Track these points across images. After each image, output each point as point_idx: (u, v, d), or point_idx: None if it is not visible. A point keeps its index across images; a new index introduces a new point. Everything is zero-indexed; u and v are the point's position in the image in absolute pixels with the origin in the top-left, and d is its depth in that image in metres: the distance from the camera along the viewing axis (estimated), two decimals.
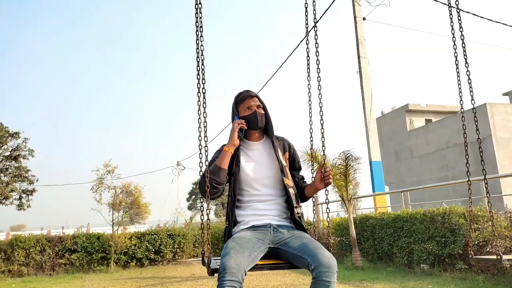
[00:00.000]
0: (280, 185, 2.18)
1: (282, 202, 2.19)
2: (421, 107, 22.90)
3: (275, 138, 2.28)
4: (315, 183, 2.16)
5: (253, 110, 2.21)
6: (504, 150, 16.81)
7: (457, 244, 5.66)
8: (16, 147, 16.40)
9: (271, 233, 2.05)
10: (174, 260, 10.84)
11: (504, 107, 17.81)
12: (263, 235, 2.04)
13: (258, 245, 1.96)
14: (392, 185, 21.98)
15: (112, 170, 10.53)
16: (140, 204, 11.76)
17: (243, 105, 2.23)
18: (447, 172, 18.69)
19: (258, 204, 2.13)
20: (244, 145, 2.25)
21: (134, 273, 9.14)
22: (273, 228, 2.07)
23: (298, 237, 2.00)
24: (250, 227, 2.08)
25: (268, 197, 2.15)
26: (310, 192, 2.25)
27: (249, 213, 2.13)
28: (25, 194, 16.71)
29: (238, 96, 2.28)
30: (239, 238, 1.95)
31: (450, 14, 2.92)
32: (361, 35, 11.14)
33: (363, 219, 8.02)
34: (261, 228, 2.07)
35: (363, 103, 11.25)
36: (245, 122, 2.18)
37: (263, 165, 2.18)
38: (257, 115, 2.20)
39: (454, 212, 5.93)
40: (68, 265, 9.75)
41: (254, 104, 2.21)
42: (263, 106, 2.26)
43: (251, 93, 2.26)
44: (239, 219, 2.13)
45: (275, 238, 2.04)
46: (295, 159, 2.32)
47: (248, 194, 2.15)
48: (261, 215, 2.11)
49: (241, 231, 2.07)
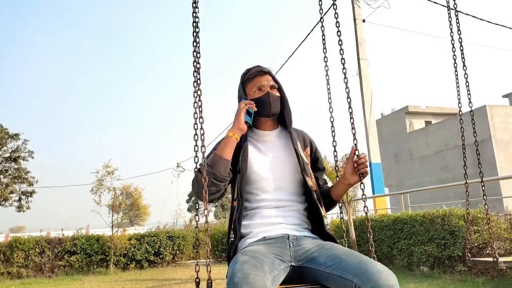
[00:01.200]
0: (299, 188, 1.67)
1: (302, 209, 1.66)
2: (421, 109, 22.93)
3: (293, 130, 1.76)
4: (346, 176, 1.66)
5: (265, 91, 1.69)
6: (504, 152, 16.82)
7: (457, 246, 5.65)
8: (16, 149, 16.43)
9: (290, 247, 1.50)
10: (174, 262, 10.82)
11: (504, 109, 17.82)
12: (280, 249, 1.48)
13: (278, 262, 1.41)
14: (392, 187, 21.97)
15: (112, 172, 10.54)
16: (140, 206, 11.77)
17: (252, 84, 1.72)
18: (446, 174, 18.69)
19: (267, 210, 1.61)
20: (253, 136, 1.74)
21: (133, 275, 9.13)
22: (292, 240, 1.52)
23: (329, 249, 1.45)
24: (261, 239, 1.53)
25: (282, 203, 1.62)
26: (340, 191, 1.74)
27: (257, 221, 1.59)
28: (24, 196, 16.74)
29: (246, 73, 1.77)
30: (251, 251, 1.41)
31: (449, 16, 2.93)
32: (361, 37, 11.16)
33: (363, 221, 8.01)
34: (275, 240, 1.52)
35: (363, 105, 11.26)
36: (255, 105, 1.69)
37: (278, 162, 1.67)
38: (270, 97, 1.69)
39: (453, 214, 5.93)
40: (68, 267, 9.74)
41: (266, 84, 1.71)
42: (278, 86, 1.75)
43: (263, 69, 1.74)
44: (244, 231, 1.59)
45: (296, 252, 1.49)
46: (318, 157, 1.83)
47: (256, 200, 1.62)
48: (273, 223, 1.58)
49: (250, 245, 1.52)
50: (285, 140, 1.75)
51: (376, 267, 1.26)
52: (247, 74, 1.75)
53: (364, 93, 11.21)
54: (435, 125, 20.59)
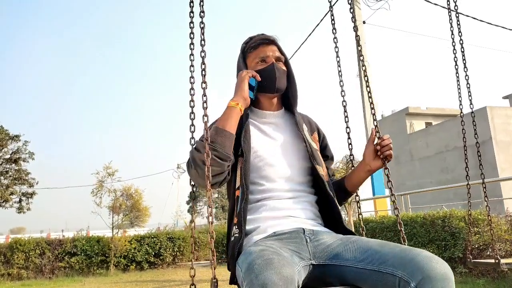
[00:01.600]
0: (308, 177, 1.44)
1: (313, 200, 1.43)
2: (421, 110, 22.93)
3: (297, 113, 1.54)
4: (366, 161, 1.45)
5: (270, 63, 1.46)
6: (505, 153, 16.80)
7: (458, 248, 5.65)
8: (16, 150, 16.44)
9: (307, 242, 1.25)
10: (174, 264, 10.82)
11: (504, 110, 17.82)
12: (296, 245, 1.22)
13: (296, 258, 1.17)
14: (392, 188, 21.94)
15: (112, 173, 10.54)
16: (140, 207, 11.77)
17: (254, 54, 1.49)
18: (447, 175, 18.67)
19: (275, 202, 1.35)
20: (253, 116, 1.50)
21: (133, 277, 9.12)
22: (309, 235, 1.27)
23: (356, 242, 1.21)
24: (271, 235, 1.27)
25: (292, 194, 1.38)
26: (357, 180, 1.51)
27: (264, 215, 1.32)
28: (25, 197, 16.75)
29: (247, 42, 1.53)
30: (264, 243, 1.18)
31: (450, 18, 2.93)
32: (361, 38, 11.16)
33: (363, 222, 8.01)
34: (289, 235, 1.26)
35: (363, 107, 11.27)
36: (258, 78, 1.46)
37: (284, 148, 1.43)
38: (276, 70, 1.44)
39: (454, 215, 5.92)
40: (68, 269, 9.74)
41: (272, 54, 1.47)
42: (284, 59, 1.52)
43: (268, 37, 1.50)
44: (249, 227, 1.31)
45: (316, 248, 1.24)
46: (326, 144, 1.62)
47: (260, 190, 1.37)
48: (283, 216, 1.32)
49: (258, 243, 1.22)
50: (290, 123, 1.52)
51: (425, 253, 1.04)
52: (249, 43, 1.52)
53: (364, 95, 11.21)
54: (436, 126, 20.59)
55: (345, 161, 7.55)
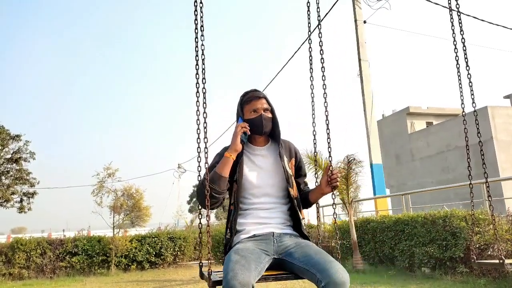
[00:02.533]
0: (284, 193, 2.07)
1: (286, 210, 2.07)
2: (422, 109, 22.91)
3: (281, 143, 2.14)
4: (321, 187, 2.04)
5: (259, 114, 2.06)
6: (505, 153, 16.79)
7: (458, 248, 5.64)
8: (17, 150, 16.43)
9: (274, 243, 1.92)
10: (175, 263, 10.82)
11: (505, 110, 17.81)
12: (266, 245, 1.91)
13: (263, 256, 1.83)
14: (393, 188, 21.95)
15: (113, 174, 10.54)
16: (141, 207, 11.77)
17: (248, 107, 2.08)
18: (448, 175, 18.66)
19: (259, 212, 2.01)
20: (248, 150, 2.11)
21: (134, 276, 9.13)
22: (276, 237, 1.94)
23: (303, 247, 1.86)
24: (251, 236, 1.95)
25: (271, 206, 2.03)
26: (315, 197, 2.13)
27: (250, 221, 2.00)
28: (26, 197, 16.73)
29: (244, 96, 2.13)
30: (242, 250, 1.79)
31: (451, 17, 2.92)
32: (361, 38, 11.15)
33: (364, 222, 8.01)
34: (263, 237, 1.94)
35: (364, 106, 11.26)
36: (250, 125, 2.05)
37: (267, 173, 2.06)
38: (263, 119, 2.05)
39: (455, 215, 5.92)
40: (69, 268, 9.74)
41: (260, 107, 2.07)
42: (271, 109, 2.11)
43: (259, 94, 2.10)
44: (239, 228, 1.99)
45: (279, 248, 1.91)
46: (301, 166, 2.22)
47: (249, 202, 2.02)
48: (262, 223, 1.99)
49: (242, 241, 1.93)
50: (274, 154, 2.12)
51: (336, 267, 1.65)
52: (245, 97, 2.11)
53: (365, 94, 11.21)
54: (436, 126, 20.58)
55: (346, 161, 7.55)
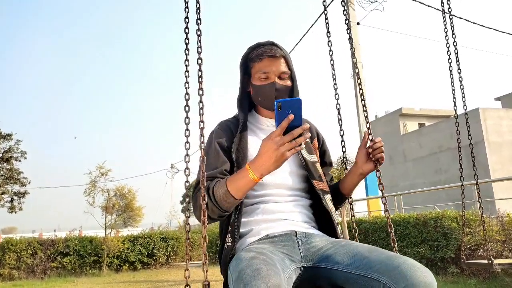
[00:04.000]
0: (305, 185, 1.46)
1: (307, 204, 1.45)
2: (415, 111, 23.06)
3: None
4: (358, 164, 1.47)
5: (271, 80, 1.41)
6: (497, 154, 16.96)
7: (450, 248, 5.69)
8: (8, 149, 16.28)
9: (299, 245, 1.28)
10: (168, 264, 10.79)
11: (496, 112, 17.98)
12: (288, 248, 1.26)
13: (288, 261, 1.20)
14: (386, 189, 21.82)
15: (105, 173, 10.48)
16: (134, 207, 11.72)
17: (258, 67, 1.43)
18: (440, 176, 18.81)
19: (270, 205, 1.36)
20: (253, 121, 1.51)
21: (126, 277, 9.08)
22: (301, 237, 1.30)
23: (346, 246, 1.24)
24: (264, 237, 1.30)
25: (285, 198, 1.39)
26: (351, 184, 1.53)
27: (258, 218, 1.34)
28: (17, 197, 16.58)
29: (255, 48, 1.46)
30: (256, 248, 1.19)
31: (444, 20, 2.95)
32: (355, 39, 11.21)
33: (357, 222, 8.04)
34: (281, 238, 1.29)
35: (357, 108, 11.31)
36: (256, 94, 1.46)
37: None
38: (275, 89, 1.41)
39: (446, 216, 5.97)
40: (60, 269, 9.67)
41: (275, 70, 1.41)
42: (290, 74, 1.46)
43: (276, 52, 1.42)
44: (244, 229, 1.34)
45: (307, 251, 1.27)
46: (325, 150, 1.62)
47: (255, 195, 1.38)
48: (277, 219, 1.34)
49: (251, 245, 1.27)
50: None
51: (410, 262, 1.06)
52: (256, 51, 1.45)
53: (358, 96, 11.26)
54: (429, 127, 20.72)
55: (339, 162, 7.57)
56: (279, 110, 1.16)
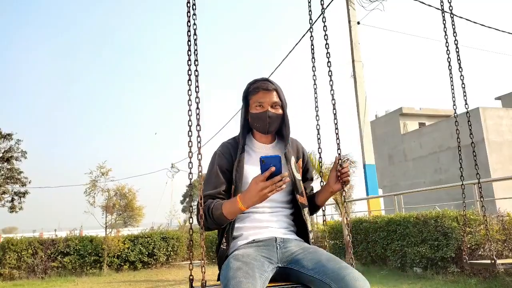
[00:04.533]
0: (289, 198, 1.80)
1: (289, 214, 1.80)
2: (415, 110, 23.05)
3: (288, 143, 1.83)
4: (330, 184, 1.76)
5: (264, 109, 1.74)
6: (497, 153, 16.95)
7: (450, 248, 5.69)
8: (9, 149, 16.30)
9: (277, 249, 1.65)
10: (168, 263, 10.79)
11: (496, 111, 17.97)
12: (268, 251, 1.63)
13: (266, 264, 1.56)
14: (386, 188, 22.06)
15: (106, 173, 10.47)
16: (134, 207, 11.71)
17: (255, 98, 1.76)
18: (440, 176, 18.80)
19: (259, 215, 1.72)
20: (250, 145, 1.82)
21: (127, 277, 9.08)
22: (280, 243, 1.67)
23: (312, 253, 1.59)
24: (251, 242, 1.67)
25: (273, 210, 1.75)
26: (324, 197, 1.84)
27: (248, 225, 1.71)
28: (17, 196, 16.60)
29: (252, 84, 1.79)
30: (243, 256, 1.54)
31: (444, 19, 2.95)
32: (355, 39, 11.19)
33: (357, 222, 8.04)
34: (264, 243, 1.66)
35: (357, 107, 11.30)
36: (252, 120, 1.78)
37: None
38: (268, 116, 1.73)
39: (446, 215, 5.96)
40: (61, 268, 9.66)
41: (268, 101, 1.73)
42: (281, 104, 1.77)
43: (268, 86, 1.74)
44: (236, 234, 1.71)
45: (283, 255, 1.64)
46: (308, 168, 1.95)
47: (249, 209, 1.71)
48: (262, 227, 1.71)
49: (240, 247, 1.65)
50: (280, 153, 1.80)
51: (353, 275, 1.39)
52: (252, 86, 1.78)
53: (358, 95, 11.25)
54: (429, 126, 20.71)
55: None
56: (263, 163, 1.44)
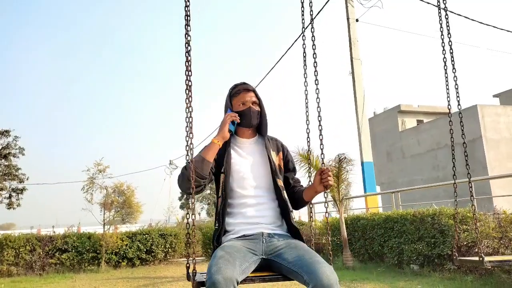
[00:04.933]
0: (272, 186, 2.04)
1: (275, 207, 2.04)
2: (413, 108, 23.07)
3: (268, 138, 2.15)
4: (314, 185, 2.01)
5: (247, 106, 2.07)
6: (494, 151, 16.99)
7: (446, 245, 5.72)
8: (6, 145, 16.26)
9: (263, 243, 1.89)
10: (166, 260, 10.81)
11: (494, 109, 18.00)
12: (254, 245, 1.87)
13: (249, 255, 1.80)
14: (384, 185, 22.11)
15: (104, 170, 10.45)
16: (132, 204, 11.71)
17: (237, 99, 2.09)
18: (438, 173, 18.84)
19: (249, 210, 1.97)
20: (234, 142, 2.12)
21: (125, 273, 9.10)
22: (266, 237, 1.91)
23: (293, 248, 1.84)
24: (241, 236, 1.92)
25: (260, 200, 2.00)
26: (309, 195, 2.08)
27: (239, 221, 1.96)
28: (15, 193, 16.57)
29: (233, 89, 2.13)
30: (228, 247, 1.78)
31: (439, 15, 2.95)
32: (354, 36, 11.18)
33: (355, 219, 8.07)
34: (252, 237, 1.91)
35: (356, 104, 11.31)
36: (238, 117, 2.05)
37: (254, 164, 2.05)
38: (251, 111, 2.06)
39: (443, 213, 5.99)
40: (59, 265, 9.67)
41: (249, 100, 2.07)
42: (259, 102, 2.12)
43: (248, 87, 2.11)
44: (229, 228, 1.97)
45: (268, 248, 1.88)
46: (288, 159, 2.19)
47: (239, 196, 1.99)
48: (252, 223, 1.95)
49: (230, 240, 1.91)
50: (261, 147, 2.13)
51: (323, 269, 1.63)
52: (235, 89, 2.12)
53: (356, 92, 11.25)
54: (427, 124, 20.73)
55: (337, 160, 7.58)
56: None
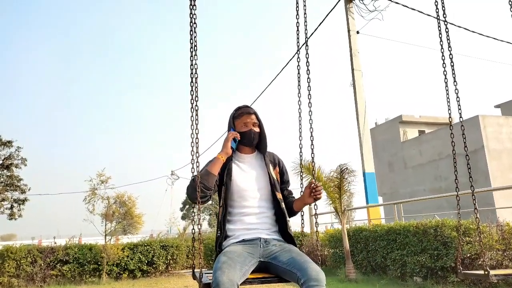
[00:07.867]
0: (270, 198, 2.28)
1: (272, 215, 2.28)
2: (415, 118, 23.07)
3: (266, 154, 2.41)
4: (304, 197, 2.25)
5: (249, 128, 2.33)
6: (497, 161, 16.94)
7: (450, 257, 5.67)
8: (9, 156, 16.29)
9: (261, 247, 2.13)
10: (167, 272, 10.74)
11: (496, 119, 17.99)
12: (253, 249, 2.11)
13: (249, 259, 2.03)
14: (386, 196, 22.02)
15: (106, 180, 10.46)
16: (133, 214, 11.69)
17: (240, 121, 2.35)
18: (440, 183, 18.77)
19: (248, 218, 2.21)
20: (236, 157, 2.36)
21: (126, 285, 9.04)
22: (263, 242, 2.15)
23: (287, 251, 2.08)
24: (241, 241, 2.16)
25: (258, 209, 2.23)
26: (298, 206, 2.33)
27: (239, 227, 2.20)
28: (16, 203, 16.56)
29: (236, 111, 2.39)
30: (230, 252, 2.01)
31: (439, 27, 2.98)
32: (354, 48, 11.26)
33: (357, 231, 8.02)
34: (251, 242, 2.15)
35: (357, 115, 11.33)
36: (240, 137, 2.31)
37: (254, 177, 2.29)
38: (252, 133, 2.33)
39: (446, 225, 5.95)
40: (60, 277, 9.62)
41: (250, 122, 2.34)
42: (259, 124, 2.38)
43: (250, 110, 2.37)
44: (230, 233, 2.21)
45: (265, 252, 2.12)
46: (284, 172, 2.44)
47: (239, 206, 2.23)
48: (251, 229, 2.19)
49: (231, 245, 2.14)
50: (260, 162, 2.38)
51: (312, 266, 1.89)
52: (237, 112, 2.38)
53: (358, 103, 11.28)
54: (429, 134, 20.72)
55: (338, 171, 7.57)
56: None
